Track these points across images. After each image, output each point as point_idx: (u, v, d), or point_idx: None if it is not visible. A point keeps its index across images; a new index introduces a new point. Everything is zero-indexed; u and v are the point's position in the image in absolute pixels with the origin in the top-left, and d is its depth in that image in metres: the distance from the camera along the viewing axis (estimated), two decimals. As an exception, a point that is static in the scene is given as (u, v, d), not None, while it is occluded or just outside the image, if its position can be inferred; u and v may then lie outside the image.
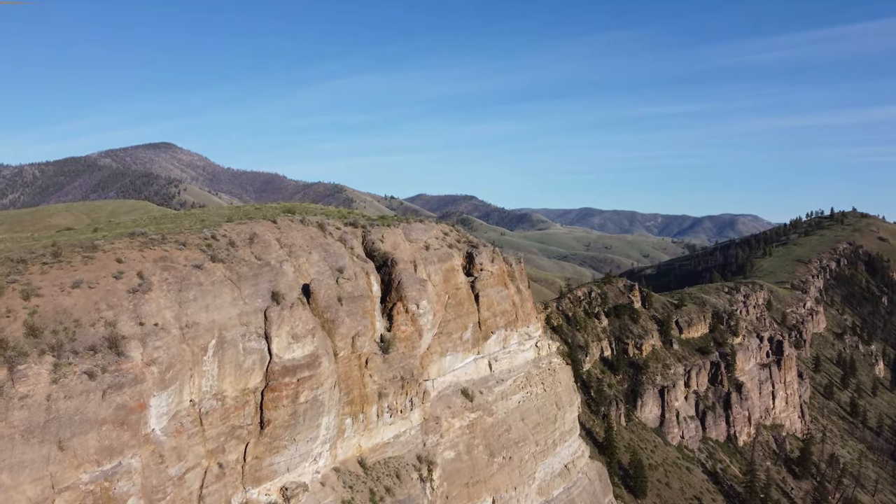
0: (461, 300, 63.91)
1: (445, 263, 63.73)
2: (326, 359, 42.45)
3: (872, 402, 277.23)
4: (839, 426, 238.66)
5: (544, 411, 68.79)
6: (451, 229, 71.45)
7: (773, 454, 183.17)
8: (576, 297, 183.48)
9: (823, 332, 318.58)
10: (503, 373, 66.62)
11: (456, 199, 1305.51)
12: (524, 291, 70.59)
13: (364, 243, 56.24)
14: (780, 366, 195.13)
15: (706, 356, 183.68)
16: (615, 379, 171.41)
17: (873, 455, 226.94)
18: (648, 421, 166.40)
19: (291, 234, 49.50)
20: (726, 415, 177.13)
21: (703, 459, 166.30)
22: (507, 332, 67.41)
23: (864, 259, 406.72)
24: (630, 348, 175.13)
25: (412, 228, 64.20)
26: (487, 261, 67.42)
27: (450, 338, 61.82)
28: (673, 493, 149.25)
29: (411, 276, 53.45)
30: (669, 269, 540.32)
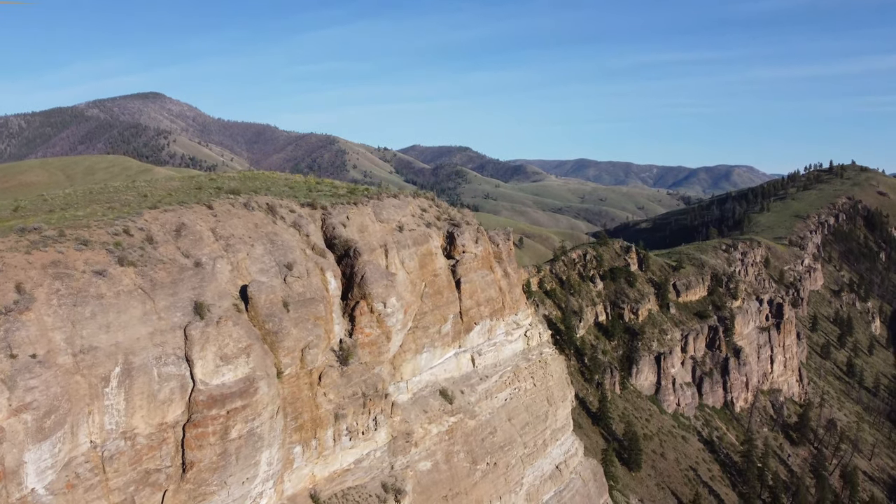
0: (440, 288, 56.08)
1: (422, 247, 55.68)
2: (266, 382, 34.71)
3: (869, 360, 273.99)
4: (836, 387, 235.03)
5: (534, 409, 61.74)
6: (430, 204, 63.14)
7: (771, 420, 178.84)
8: (570, 260, 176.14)
9: (821, 290, 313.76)
10: (488, 368, 59.25)
11: (450, 150, 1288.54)
12: (512, 275, 62.74)
13: (324, 228, 48.01)
14: (780, 329, 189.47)
15: (704, 320, 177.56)
16: (610, 345, 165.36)
17: (870, 417, 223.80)
18: (644, 388, 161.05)
19: (231, 222, 41.23)
20: (724, 381, 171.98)
21: (699, 427, 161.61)
22: (492, 322, 59.82)
23: (862, 214, 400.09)
24: (626, 313, 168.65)
25: (384, 206, 55.90)
26: (471, 241, 59.36)
27: (426, 332, 54.20)
28: (668, 464, 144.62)
29: (377, 269, 45.42)
30: (665, 224, 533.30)
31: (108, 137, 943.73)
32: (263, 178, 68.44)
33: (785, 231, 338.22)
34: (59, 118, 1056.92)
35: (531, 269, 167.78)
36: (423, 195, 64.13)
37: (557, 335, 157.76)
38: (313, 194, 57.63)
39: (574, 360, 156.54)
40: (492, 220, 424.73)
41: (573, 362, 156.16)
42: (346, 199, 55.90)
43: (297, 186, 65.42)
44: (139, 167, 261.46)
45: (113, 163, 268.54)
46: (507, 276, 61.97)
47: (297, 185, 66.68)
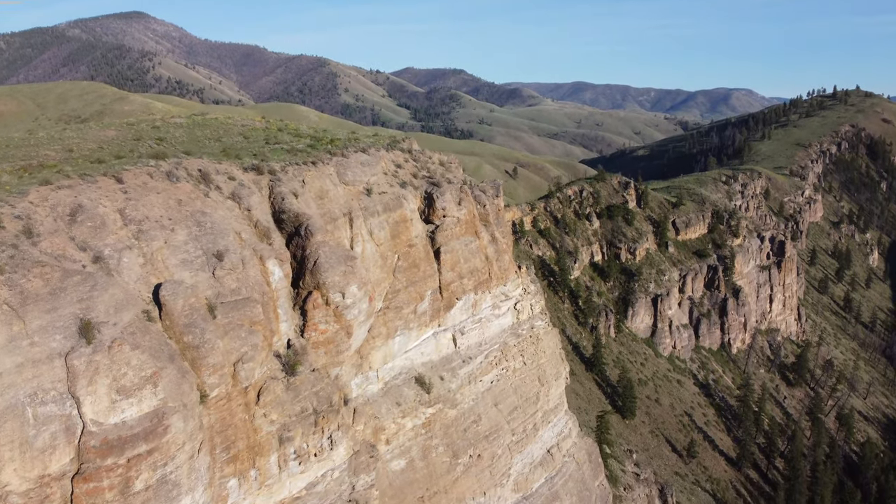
0: (416, 261, 48.35)
1: (394, 213, 47.62)
2: (181, 416, 27.38)
3: (866, 294, 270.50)
4: (832, 323, 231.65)
5: (523, 390, 55.10)
6: (406, 158, 54.62)
7: (768, 361, 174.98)
8: (566, 197, 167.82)
9: (820, 222, 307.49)
10: (472, 348, 52.18)
11: (444, 73, 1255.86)
12: (500, 240, 54.88)
13: (271, 199, 39.76)
14: (781, 268, 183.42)
15: (703, 260, 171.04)
16: (605, 286, 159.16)
17: (865, 353, 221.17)
18: (639, 331, 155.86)
19: (147, 199, 33.02)
20: (721, 322, 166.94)
21: (694, 370, 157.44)
22: (477, 296, 52.39)
23: (865, 142, 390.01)
24: (623, 253, 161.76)
25: (349, 164, 47.47)
26: (452, 203, 51.23)
27: (400, 313, 46.81)
28: (663, 409, 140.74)
29: (334, 251, 37.48)
30: (663, 151, 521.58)
31: (90, 60, 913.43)
32: (215, 126, 59.57)
33: (786, 161, 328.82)
34: (39, 39, 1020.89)
35: (524, 207, 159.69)
36: (398, 147, 55.53)
37: (551, 277, 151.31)
38: (266, 150, 49.10)
39: (568, 303, 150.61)
40: (486, 148, 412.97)
41: (567, 305, 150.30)
42: (305, 155, 47.39)
43: (254, 136, 56.78)
44: (114, 95, 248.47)
45: (87, 90, 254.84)
46: (494, 242, 54.16)
47: (253, 134, 58.00)
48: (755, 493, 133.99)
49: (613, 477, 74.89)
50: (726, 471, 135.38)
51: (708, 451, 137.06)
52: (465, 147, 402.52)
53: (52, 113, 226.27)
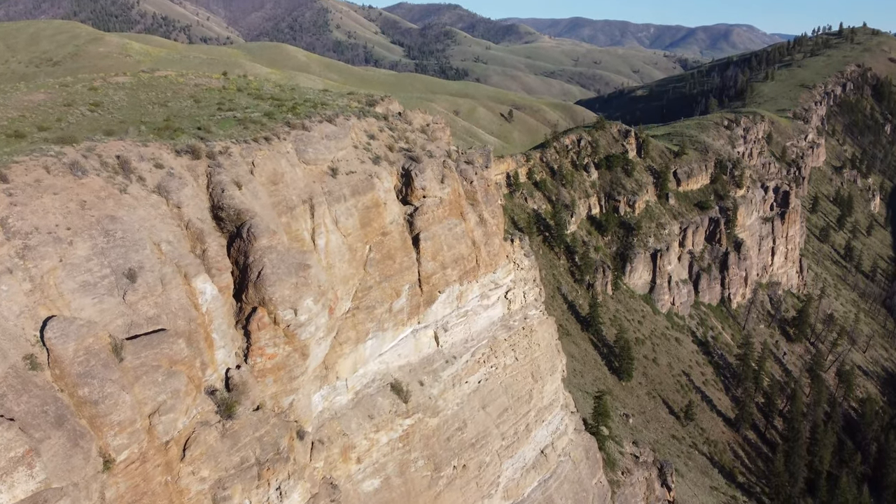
0: (391, 251, 41.74)
1: (365, 196, 40.76)
2: (69, 500, 21.22)
3: (866, 242, 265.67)
4: (833, 273, 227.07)
5: (515, 389, 49.29)
6: (381, 126, 47.31)
7: (768, 316, 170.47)
8: (562, 147, 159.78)
9: (822, 166, 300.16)
10: (456, 346, 46.04)
11: (439, 8, 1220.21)
12: (490, 221, 48.04)
13: (210, 190, 32.80)
14: (784, 219, 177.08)
15: (705, 212, 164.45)
16: (603, 241, 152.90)
17: (865, 304, 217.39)
18: (637, 287, 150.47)
19: (40, 203, 26.14)
20: (722, 277, 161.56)
21: (693, 328, 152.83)
22: (462, 287, 45.95)
23: (871, 83, 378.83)
24: (622, 206, 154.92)
25: (312, 139, 40.31)
26: (434, 181, 44.28)
27: (372, 313, 40.49)
28: (660, 370, 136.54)
29: (284, 258, 30.75)
30: (662, 92, 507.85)
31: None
32: (164, 87, 51.87)
33: (789, 103, 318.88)
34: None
35: (519, 158, 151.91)
36: (371, 114, 48.12)
37: (547, 232, 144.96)
38: (214, 121, 41.82)
39: (564, 259, 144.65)
40: (481, 90, 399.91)
41: (563, 261, 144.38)
42: (258, 128, 40.14)
43: (207, 100, 49.25)
44: (89, 36, 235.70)
45: (60, 30, 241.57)
46: (482, 224, 47.36)
47: (207, 96, 50.42)
48: (753, 454, 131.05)
49: (611, 461, 70.32)
50: (724, 432, 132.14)
51: (706, 413, 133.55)
52: (460, 89, 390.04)
53: (24, 55, 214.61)
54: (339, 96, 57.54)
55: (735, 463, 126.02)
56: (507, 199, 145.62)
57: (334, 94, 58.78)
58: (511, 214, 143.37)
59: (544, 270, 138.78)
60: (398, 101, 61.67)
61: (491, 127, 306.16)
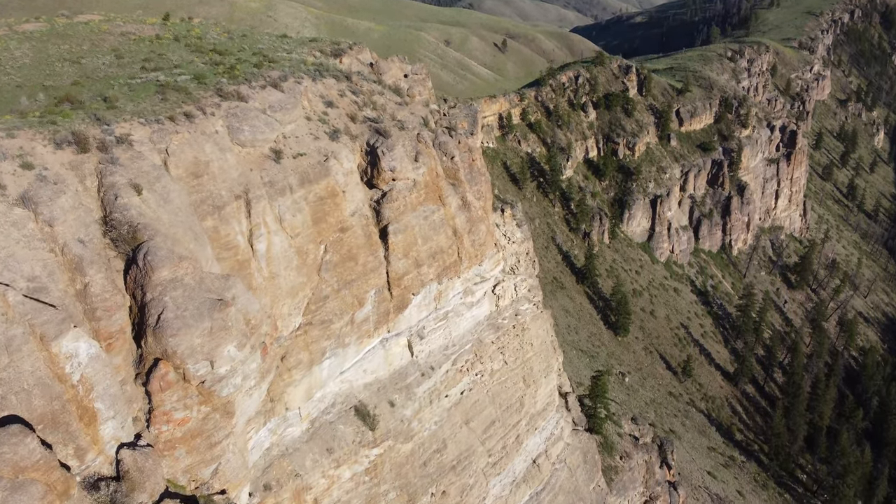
0: (352, 250, 34.16)
1: (317, 185, 32.91)
2: None
3: (869, 179, 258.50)
4: (834, 213, 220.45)
5: (504, 397, 42.61)
6: (342, 90, 38.90)
7: (769, 262, 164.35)
8: (559, 84, 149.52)
9: (827, 100, 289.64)
10: (435, 355, 39.01)
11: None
12: (474, 204, 40.19)
13: (101, 196, 24.89)
14: (790, 160, 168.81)
15: (708, 154, 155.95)
16: (600, 186, 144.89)
17: (867, 245, 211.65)
18: (635, 235, 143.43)
19: None
20: (723, 222, 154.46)
21: (692, 276, 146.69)
22: (442, 286, 38.57)
23: (880, 10, 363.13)
24: (621, 148, 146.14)
25: (249, 113, 32.16)
26: (406, 160, 36.30)
27: (329, 329, 33.25)
28: (658, 323, 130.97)
29: (192, 294, 23.16)
30: (662, 18, 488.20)
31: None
32: (83, 36, 42.99)
33: (795, 31, 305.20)
34: None
35: (512, 97, 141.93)
36: (331, 72, 39.55)
37: (541, 177, 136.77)
38: (128, 88, 33.43)
39: (559, 207, 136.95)
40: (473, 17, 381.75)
41: (558, 209, 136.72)
42: (181, 98, 31.81)
43: (132, 54, 40.66)
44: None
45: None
46: (466, 208, 39.56)
47: (133, 49, 41.76)
48: (751, 409, 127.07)
49: (609, 444, 64.78)
50: (722, 387, 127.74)
51: (704, 367, 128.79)
52: (451, 16, 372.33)
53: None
54: (298, 45, 48.58)
55: (733, 419, 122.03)
56: (499, 143, 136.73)
57: (293, 42, 49.72)
58: (503, 159, 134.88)
59: (538, 219, 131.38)
60: (370, 50, 52.73)
61: (484, 58, 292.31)
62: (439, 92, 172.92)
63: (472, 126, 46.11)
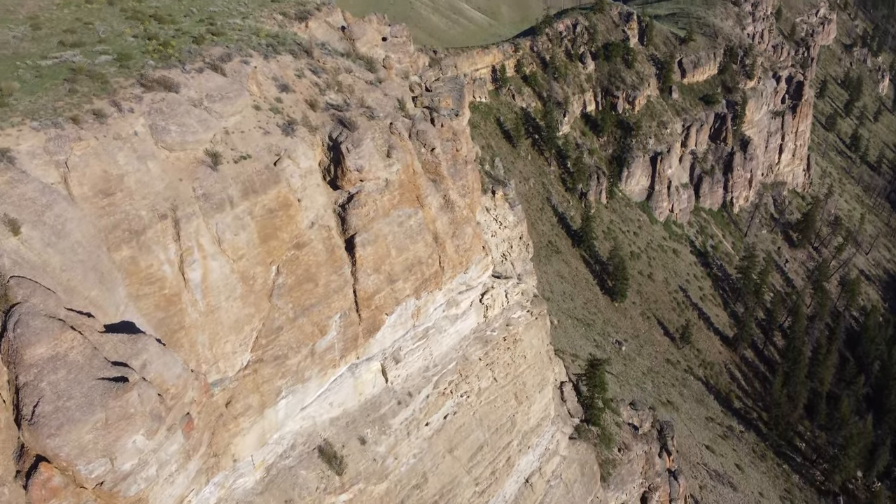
0: (310, 270, 28.67)
1: (265, 195, 27.20)
2: None
3: (873, 129, 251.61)
4: (837, 165, 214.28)
5: (493, 418, 37.77)
6: (301, 69, 32.71)
7: (771, 220, 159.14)
8: (556, 33, 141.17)
9: (832, 45, 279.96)
10: (413, 379, 33.91)
11: None
12: (460, 203, 34.43)
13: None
14: (796, 113, 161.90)
15: (710, 107, 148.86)
16: (598, 142, 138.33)
17: (870, 198, 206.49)
18: (634, 194, 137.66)
19: None
20: (725, 179, 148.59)
21: (692, 236, 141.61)
22: (420, 301, 33.20)
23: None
24: (620, 102, 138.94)
25: (178, 105, 26.24)
26: (376, 157, 30.46)
27: (283, 365, 28.07)
28: (656, 286, 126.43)
29: (78, 376, 17.74)
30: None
31: None
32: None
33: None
34: None
35: (506, 48, 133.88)
36: (288, 46, 33.30)
37: (536, 134, 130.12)
38: (35, 73, 27.37)
39: (555, 165, 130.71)
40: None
41: (553, 167, 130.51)
42: (93, 92, 25.78)
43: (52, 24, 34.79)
44: None
45: None
46: (449, 208, 33.87)
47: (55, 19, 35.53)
48: (750, 374, 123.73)
49: (607, 437, 60.64)
50: (721, 352, 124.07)
51: (702, 332, 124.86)
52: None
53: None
54: (258, 6, 41.93)
55: (731, 386, 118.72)
56: (492, 97, 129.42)
57: (253, 3, 43.00)
58: (497, 115, 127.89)
59: (532, 179, 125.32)
60: (342, 11, 46.01)
61: (478, 1, 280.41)
62: (430, 40, 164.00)
63: (457, 103, 39.59)
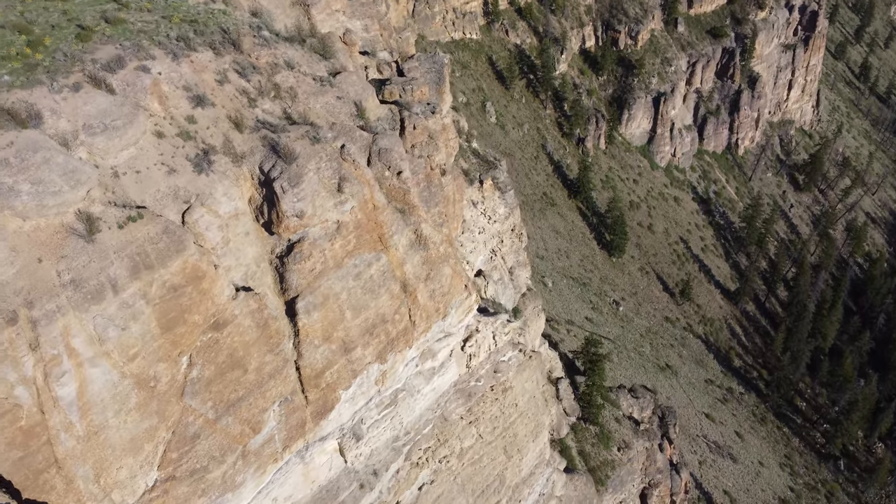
0: (236, 353, 21.92)
1: (164, 269, 20.16)
2: None
3: (883, 56, 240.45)
4: (845, 98, 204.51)
5: (479, 479, 31.77)
6: (223, 70, 24.96)
7: (777, 162, 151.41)
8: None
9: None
10: (379, 453, 27.65)
11: None
12: (434, 238, 27.26)
13: None
14: (808, 46, 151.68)
15: (718, 41, 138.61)
16: (597, 82, 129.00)
17: (878, 133, 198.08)
18: (634, 138, 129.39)
19: None
20: (731, 120, 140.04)
21: (694, 182, 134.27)
22: (386, 365, 26.61)
23: None
24: (622, 38, 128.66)
25: (35, 149, 18.89)
26: (322, 195, 23.22)
27: (204, 480, 21.86)
28: (656, 238, 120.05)
29: None
30: None
31: None
32: None
33: None
34: None
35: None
36: (206, 38, 25.46)
37: (531, 74, 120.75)
38: None
39: (551, 108, 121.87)
40: None
41: (549, 111, 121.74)
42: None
43: None
44: None
45: None
46: (421, 245, 26.78)
47: None
48: (751, 329, 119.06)
49: (605, 436, 55.64)
50: (721, 307, 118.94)
51: (703, 286, 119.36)
52: None
53: None
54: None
55: (732, 342, 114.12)
56: (483, 34, 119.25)
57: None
58: (489, 53, 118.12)
59: (527, 124, 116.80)
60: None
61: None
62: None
63: (436, 92, 31.42)
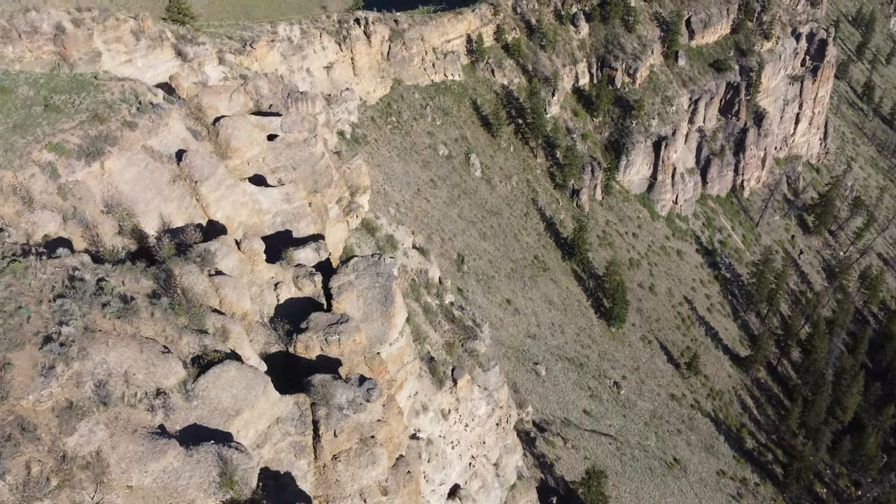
0: None
1: None
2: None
3: (885, 73, 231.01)
4: (849, 121, 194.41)
5: None
6: None
7: (784, 202, 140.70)
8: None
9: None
10: None
11: None
12: None
13: None
14: (816, 76, 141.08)
15: (722, 74, 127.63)
16: (592, 125, 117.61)
17: (884, 159, 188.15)
18: (633, 185, 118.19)
19: None
20: (736, 161, 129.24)
21: (697, 231, 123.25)
22: None
23: None
24: (619, 75, 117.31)
25: None
26: None
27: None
28: (657, 300, 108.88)
29: None
30: None
31: None
32: None
33: None
34: None
35: (484, 10, 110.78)
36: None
37: (520, 118, 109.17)
38: None
39: (542, 157, 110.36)
40: None
41: (540, 160, 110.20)
42: None
43: None
44: None
45: None
46: None
47: None
48: (762, 399, 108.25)
49: None
50: (730, 376, 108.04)
51: (710, 353, 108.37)
52: None
53: None
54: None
55: (743, 418, 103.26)
56: (467, 74, 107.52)
57: None
58: (473, 96, 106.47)
59: (515, 177, 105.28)
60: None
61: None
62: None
63: (381, 318, 18.92)
